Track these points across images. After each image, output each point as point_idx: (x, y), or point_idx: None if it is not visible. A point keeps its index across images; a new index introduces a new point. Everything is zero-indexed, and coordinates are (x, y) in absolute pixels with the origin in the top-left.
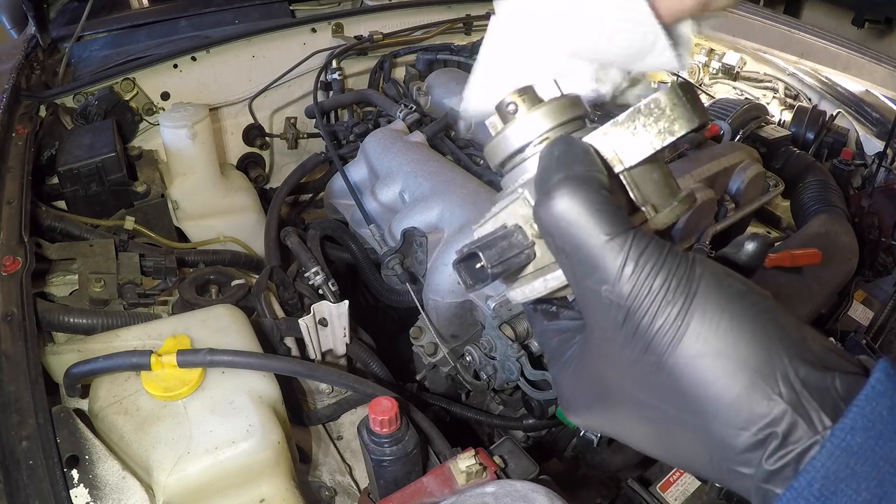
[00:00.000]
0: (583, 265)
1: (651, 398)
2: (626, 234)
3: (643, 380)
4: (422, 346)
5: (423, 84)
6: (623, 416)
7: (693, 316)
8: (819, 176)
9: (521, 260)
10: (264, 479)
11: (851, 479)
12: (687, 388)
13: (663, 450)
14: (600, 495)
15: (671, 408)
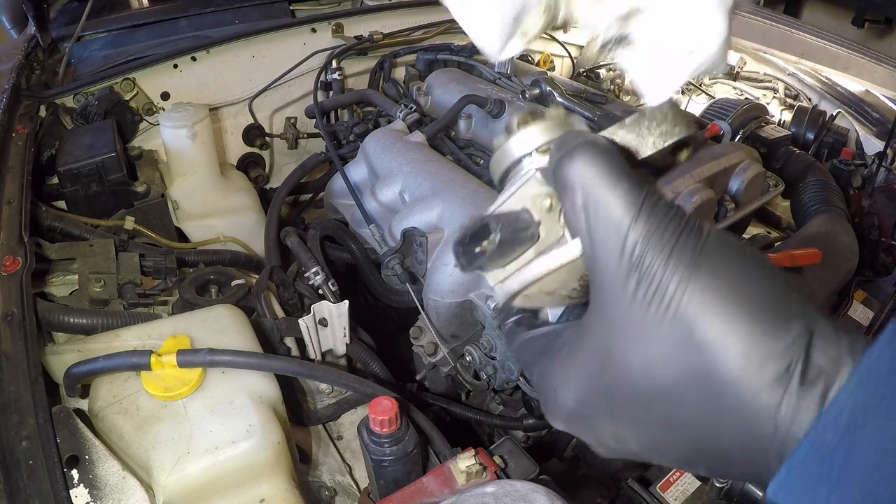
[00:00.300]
0: (600, 214)
1: (662, 352)
2: (642, 187)
3: (654, 330)
4: (422, 346)
5: (423, 84)
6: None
7: (704, 259)
8: (819, 176)
9: (527, 237)
10: (264, 479)
11: (880, 407)
12: (701, 332)
13: (669, 424)
14: (600, 495)
15: (684, 359)
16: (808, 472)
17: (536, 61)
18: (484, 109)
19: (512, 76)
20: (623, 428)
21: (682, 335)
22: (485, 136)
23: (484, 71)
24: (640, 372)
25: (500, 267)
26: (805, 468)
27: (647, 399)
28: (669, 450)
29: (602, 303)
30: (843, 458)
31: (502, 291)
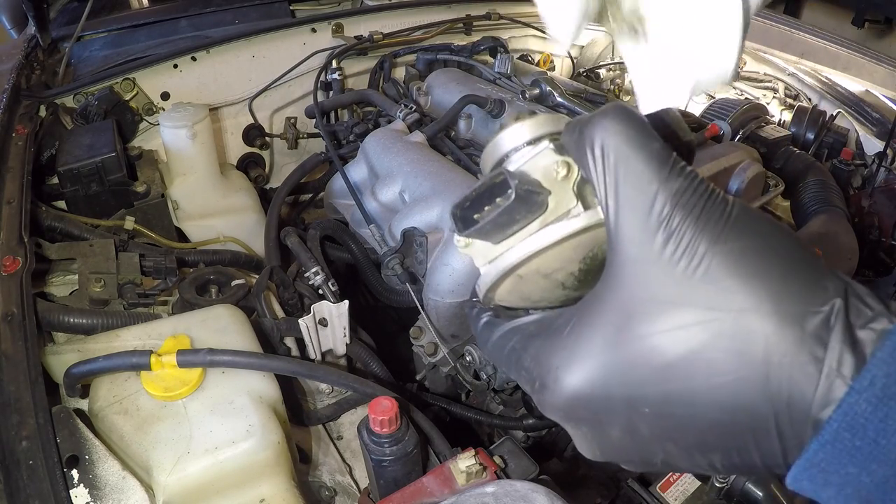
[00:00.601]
0: (630, 172)
1: (692, 314)
2: (671, 151)
3: (683, 290)
4: (422, 346)
5: (423, 84)
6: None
7: (734, 222)
8: (819, 176)
9: (536, 204)
10: (264, 479)
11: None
12: (735, 291)
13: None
14: (600, 495)
15: (716, 320)
16: (839, 447)
17: (536, 61)
18: (484, 109)
19: (512, 76)
20: (638, 408)
21: (713, 295)
22: (485, 136)
23: (484, 71)
24: (665, 337)
25: (498, 239)
26: (836, 444)
27: (672, 368)
28: (689, 431)
29: (622, 266)
30: (875, 432)
31: (493, 271)
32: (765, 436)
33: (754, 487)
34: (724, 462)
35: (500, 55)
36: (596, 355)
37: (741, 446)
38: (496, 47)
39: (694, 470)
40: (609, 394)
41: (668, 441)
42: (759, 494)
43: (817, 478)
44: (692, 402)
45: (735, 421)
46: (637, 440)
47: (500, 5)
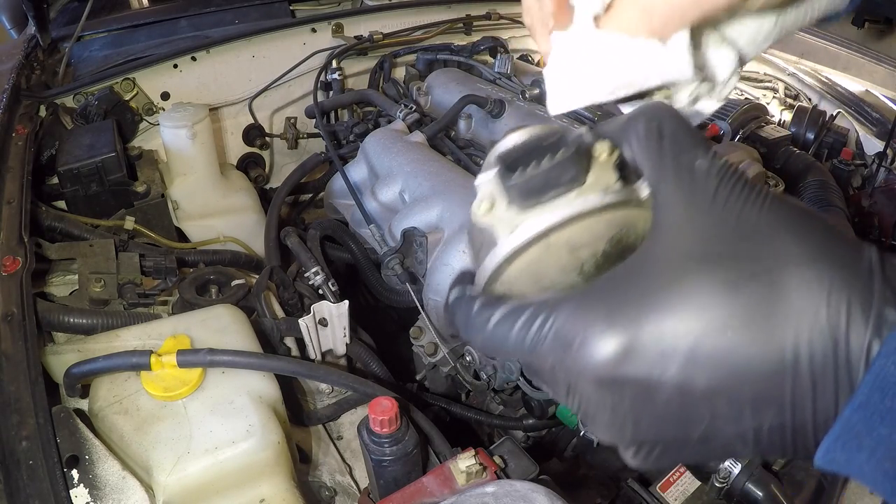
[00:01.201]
0: (681, 144)
1: (745, 249)
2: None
3: (737, 232)
4: (422, 346)
5: (423, 84)
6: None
7: (773, 197)
8: (819, 176)
9: (580, 171)
10: (264, 479)
11: None
12: (789, 235)
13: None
14: (600, 495)
15: (770, 258)
16: (870, 409)
17: (536, 61)
18: (484, 109)
19: (512, 76)
20: (697, 358)
21: (764, 248)
22: (485, 136)
23: (484, 71)
24: (718, 277)
25: (529, 204)
26: (867, 406)
27: (733, 317)
28: (746, 381)
29: (672, 227)
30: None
31: (521, 236)
32: (822, 384)
33: (754, 487)
34: (775, 422)
35: (500, 55)
36: (651, 303)
37: (796, 401)
38: (496, 47)
39: (733, 444)
40: (669, 344)
41: (721, 396)
42: (759, 494)
43: (851, 443)
44: (748, 353)
45: (795, 371)
46: (687, 400)
47: (500, 5)
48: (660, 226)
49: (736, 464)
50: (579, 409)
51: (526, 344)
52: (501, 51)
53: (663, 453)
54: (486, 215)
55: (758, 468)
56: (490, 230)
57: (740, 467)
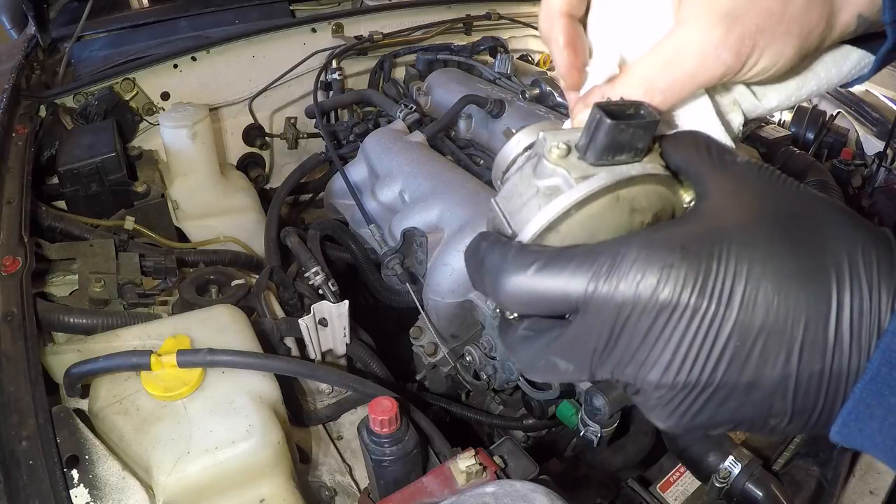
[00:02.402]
0: (724, 149)
1: (791, 210)
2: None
3: (782, 198)
4: (422, 346)
5: (423, 84)
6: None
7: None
8: (819, 176)
9: (648, 141)
10: (264, 479)
11: None
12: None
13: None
14: (600, 495)
15: (815, 215)
16: (880, 382)
17: (536, 61)
18: (484, 109)
19: (512, 76)
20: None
21: (811, 209)
22: (485, 136)
23: (484, 71)
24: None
25: (602, 161)
26: (877, 379)
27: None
28: (798, 324)
29: (724, 188)
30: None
31: (596, 183)
32: (858, 332)
33: (754, 487)
34: (816, 367)
35: (500, 55)
36: (717, 243)
37: (838, 345)
38: (496, 47)
39: (772, 398)
40: (734, 282)
41: (774, 335)
42: (759, 494)
43: (864, 413)
44: (799, 297)
45: (838, 318)
46: (745, 335)
47: (500, 5)
48: (707, 195)
49: (736, 464)
50: (627, 352)
51: (581, 281)
52: (501, 51)
53: (706, 404)
54: (560, 160)
55: (758, 468)
56: (560, 175)
57: (740, 467)
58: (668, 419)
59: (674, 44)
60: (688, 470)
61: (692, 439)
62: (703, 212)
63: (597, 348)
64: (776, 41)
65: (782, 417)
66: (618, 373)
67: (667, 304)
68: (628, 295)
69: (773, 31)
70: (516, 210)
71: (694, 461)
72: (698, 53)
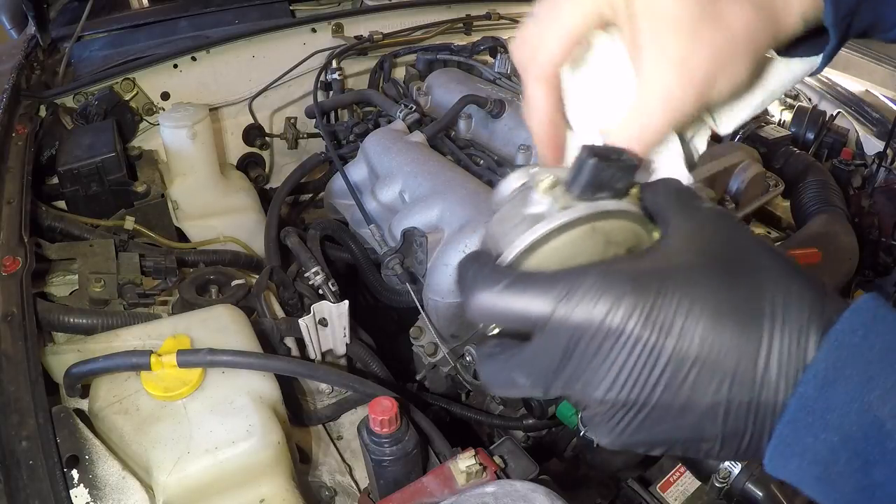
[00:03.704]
0: (693, 196)
1: (737, 258)
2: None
3: (731, 246)
4: (422, 346)
5: (423, 84)
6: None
7: (754, 238)
8: (819, 176)
9: (626, 184)
10: (264, 479)
11: (846, 367)
12: (767, 252)
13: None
14: (600, 495)
15: (757, 265)
16: (798, 424)
17: None
18: (484, 109)
19: (512, 76)
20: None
21: (754, 258)
22: (485, 136)
23: (484, 71)
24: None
25: (584, 197)
26: (795, 422)
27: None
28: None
29: (677, 242)
30: (821, 409)
31: (575, 213)
32: (786, 372)
33: (754, 487)
34: (744, 398)
35: (500, 55)
36: (665, 280)
37: (766, 379)
38: (496, 47)
39: (703, 422)
40: (676, 315)
41: (707, 366)
42: (759, 494)
43: (786, 451)
44: (733, 335)
45: (767, 356)
46: (680, 364)
47: (500, 5)
48: (668, 237)
49: (736, 464)
50: (579, 370)
51: (543, 302)
52: (501, 51)
53: (643, 423)
54: (546, 191)
55: (758, 468)
56: (545, 204)
57: (740, 467)
58: (608, 435)
59: (640, 98)
60: (688, 470)
61: None
62: (660, 250)
63: (552, 366)
64: (729, 68)
65: (714, 442)
66: (568, 389)
67: (614, 331)
68: (581, 319)
69: (723, 62)
70: (504, 234)
71: (694, 461)
72: (662, 100)
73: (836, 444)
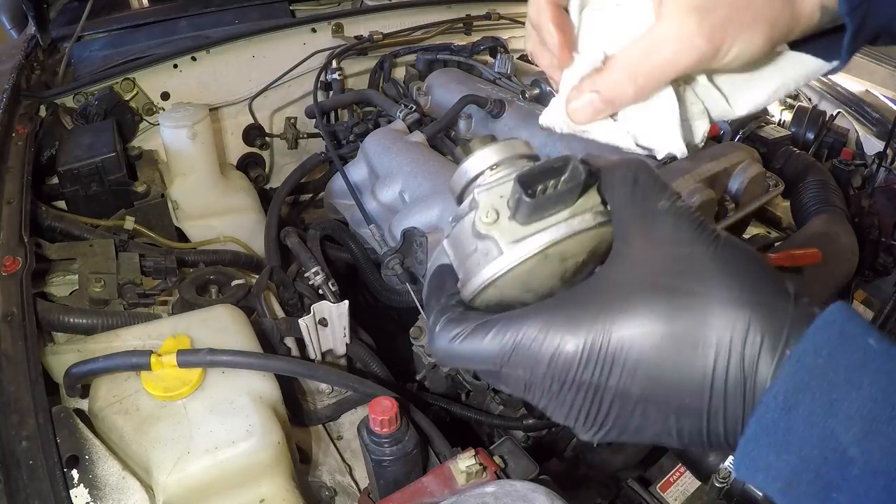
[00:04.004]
0: (650, 190)
1: (685, 285)
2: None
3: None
4: (422, 346)
5: (423, 84)
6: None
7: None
8: (819, 176)
9: (575, 193)
10: (264, 479)
11: (807, 391)
12: (725, 274)
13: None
14: (600, 495)
15: (706, 293)
16: (760, 442)
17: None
18: (484, 109)
19: (512, 76)
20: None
21: (700, 281)
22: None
23: (484, 71)
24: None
25: (531, 220)
26: (756, 440)
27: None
28: (672, 395)
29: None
30: (783, 431)
31: (526, 247)
32: (733, 405)
33: (754, 487)
34: (694, 427)
35: (500, 55)
36: (603, 321)
37: (711, 414)
38: (496, 47)
39: (661, 437)
40: (614, 356)
41: (651, 403)
42: (759, 495)
43: (750, 466)
44: (676, 371)
45: (712, 392)
46: (625, 402)
47: (500, 5)
48: (619, 255)
49: None
50: (539, 403)
51: (493, 351)
52: (501, 51)
53: (608, 433)
54: (490, 226)
55: None
56: (492, 240)
57: None
58: (583, 436)
59: (653, 35)
60: (688, 470)
61: None
62: (605, 281)
63: (518, 392)
64: (744, 30)
65: (680, 445)
66: (539, 408)
67: (559, 374)
68: (528, 368)
69: (741, 21)
70: (462, 260)
71: (694, 461)
72: (674, 41)
73: (797, 465)
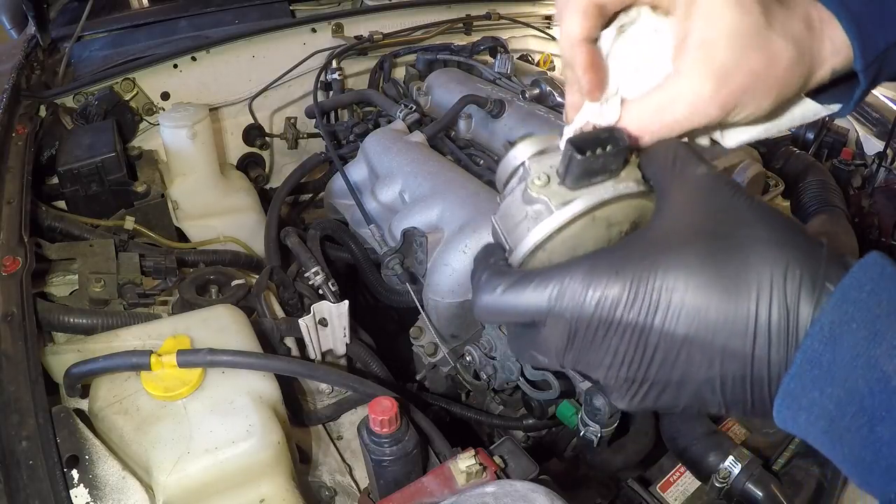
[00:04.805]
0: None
1: (725, 231)
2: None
3: (722, 218)
4: (422, 346)
5: (423, 84)
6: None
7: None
8: (819, 176)
9: (621, 162)
10: (264, 479)
11: (851, 323)
12: (761, 221)
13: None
14: (600, 495)
15: (746, 236)
16: (804, 377)
17: (536, 61)
18: (484, 109)
19: (512, 76)
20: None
21: (751, 217)
22: (485, 136)
23: (484, 71)
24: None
25: (580, 185)
26: (801, 376)
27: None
28: (720, 331)
29: (674, 212)
30: (827, 363)
31: (575, 208)
32: (776, 345)
33: (754, 487)
34: (738, 373)
35: (500, 55)
36: (648, 264)
37: (756, 356)
38: (496, 47)
39: (703, 391)
40: (660, 296)
41: (696, 345)
42: (759, 494)
43: (792, 405)
44: (720, 312)
45: (756, 332)
46: (670, 345)
47: (500, 5)
48: (661, 212)
49: (736, 464)
50: (581, 356)
51: (539, 300)
52: (501, 51)
53: (647, 394)
54: (541, 188)
55: (758, 468)
56: (542, 202)
57: (740, 467)
58: (620, 402)
59: (669, 92)
60: (688, 470)
61: (692, 439)
62: (648, 232)
63: (560, 349)
64: (757, 98)
65: (718, 406)
66: (577, 366)
67: (604, 320)
68: (574, 313)
69: (756, 90)
70: (510, 229)
71: (694, 461)
72: (689, 104)
73: (842, 399)
